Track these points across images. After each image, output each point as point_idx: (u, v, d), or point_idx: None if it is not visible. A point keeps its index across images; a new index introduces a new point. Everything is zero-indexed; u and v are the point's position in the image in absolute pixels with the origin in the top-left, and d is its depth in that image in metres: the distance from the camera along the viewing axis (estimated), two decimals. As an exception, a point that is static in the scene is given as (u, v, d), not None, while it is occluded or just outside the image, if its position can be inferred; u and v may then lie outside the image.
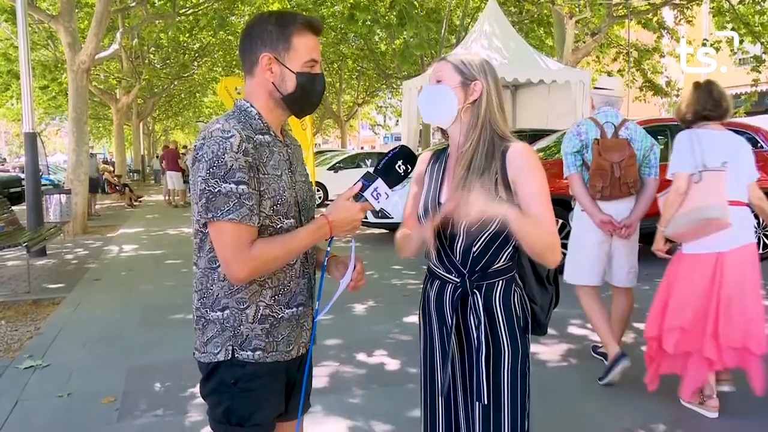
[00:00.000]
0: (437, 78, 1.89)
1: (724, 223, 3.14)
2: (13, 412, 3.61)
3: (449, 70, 1.88)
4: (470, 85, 1.86)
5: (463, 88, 1.86)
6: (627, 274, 4.00)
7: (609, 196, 3.83)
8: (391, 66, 22.58)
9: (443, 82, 1.88)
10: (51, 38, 18.39)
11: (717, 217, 3.14)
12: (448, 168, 1.94)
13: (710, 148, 3.28)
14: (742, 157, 3.36)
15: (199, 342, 1.72)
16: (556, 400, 3.60)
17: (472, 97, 1.86)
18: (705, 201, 3.18)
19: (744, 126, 8.52)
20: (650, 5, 15.60)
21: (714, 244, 3.24)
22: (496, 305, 1.86)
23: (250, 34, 1.71)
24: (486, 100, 1.86)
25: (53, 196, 10.35)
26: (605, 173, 3.82)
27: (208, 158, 1.57)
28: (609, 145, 3.88)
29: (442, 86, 1.87)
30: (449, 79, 1.87)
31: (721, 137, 3.36)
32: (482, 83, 1.86)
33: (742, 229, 3.27)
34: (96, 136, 40.83)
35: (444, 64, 1.90)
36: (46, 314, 5.84)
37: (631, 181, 3.85)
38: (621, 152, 3.86)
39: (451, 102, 1.86)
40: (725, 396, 3.46)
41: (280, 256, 1.64)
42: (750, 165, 3.40)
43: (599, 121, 4.02)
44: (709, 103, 3.34)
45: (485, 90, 1.86)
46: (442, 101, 1.87)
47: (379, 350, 4.53)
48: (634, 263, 4.04)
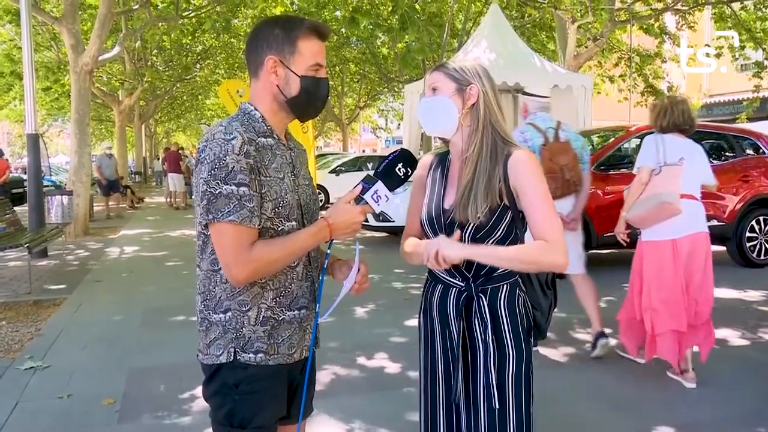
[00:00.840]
0: (432, 87, 1.89)
1: (675, 209, 3.71)
2: (13, 413, 3.61)
3: (443, 79, 1.88)
4: (466, 90, 1.86)
5: (459, 94, 1.86)
6: (578, 260, 4.47)
7: (559, 196, 4.21)
8: (392, 69, 22.61)
9: (439, 92, 1.88)
10: (54, 40, 18.42)
11: (669, 202, 3.70)
12: (450, 174, 1.94)
13: (672, 150, 3.86)
14: (698, 160, 3.94)
15: (202, 344, 1.72)
16: (556, 404, 3.60)
17: (469, 101, 1.86)
18: (661, 189, 3.75)
19: (746, 132, 8.53)
20: (652, 11, 15.61)
21: (667, 232, 3.81)
22: (501, 309, 1.86)
23: (257, 37, 1.71)
24: (484, 101, 1.86)
25: (55, 198, 10.36)
26: (557, 176, 4.20)
27: (210, 160, 1.58)
28: (556, 149, 4.25)
29: (439, 97, 1.87)
30: (445, 87, 1.87)
31: (682, 142, 3.95)
32: (477, 86, 1.86)
33: (693, 220, 3.83)
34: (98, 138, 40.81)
35: (437, 73, 1.90)
36: (47, 315, 5.85)
37: (576, 180, 4.30)
38: (567, 155, 4.25)
39: (451, 110, 1.86)
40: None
41: (281, 258, 1.64)
42: (706, 169, 4.01)
43: (540, 126, 4.34)
44: (688, 120, 3.92)
45: (481, 92, 1.86)
46: (442, 111, 1.87)
47: (379, 354, 4.53)
48: (581, 251, 4.63)
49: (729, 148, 8.10)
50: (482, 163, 1.82)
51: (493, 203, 1.78)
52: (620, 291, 6.42)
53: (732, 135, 8.19)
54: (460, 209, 1.82)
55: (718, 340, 4.80)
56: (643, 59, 19.78)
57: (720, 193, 7.55)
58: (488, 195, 1.78)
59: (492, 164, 1.81)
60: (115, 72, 22.80)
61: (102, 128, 38.30)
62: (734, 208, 7.55)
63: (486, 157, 1.82)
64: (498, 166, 1.81)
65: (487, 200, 1.78)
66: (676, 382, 3.92)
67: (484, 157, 1.82)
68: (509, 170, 1.80)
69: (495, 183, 1.80)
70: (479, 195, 1.79)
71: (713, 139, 8.29)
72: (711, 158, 8.06)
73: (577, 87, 11.37)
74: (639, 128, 8.01)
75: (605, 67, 21.10)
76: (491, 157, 1.82)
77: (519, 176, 1.79)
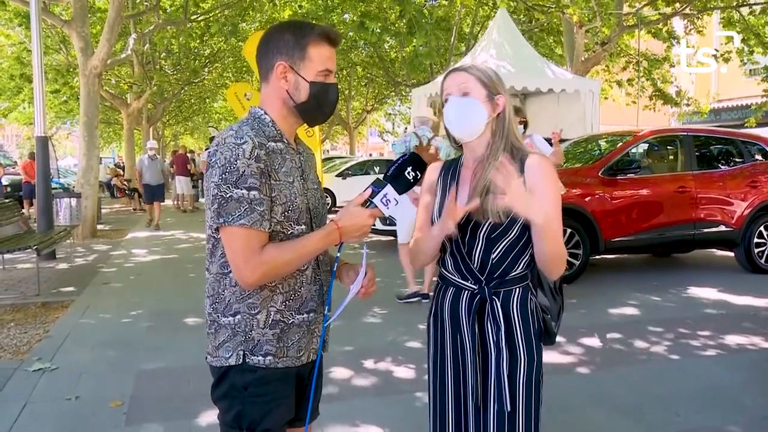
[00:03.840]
0: (464, 90, 1.89)
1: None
2: (21, 414, 3.62)
3: (475, 83, 1.88)
4: (494, 99, 1.89)
5: (489, 102, 1.88)
6: (411, 231, 5.90)
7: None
8: (400, 74, 22.61)
9: (471, 95, 1.88)
10: (64, 43, 18.52)
11: None
12: (462, 179, 1.95)
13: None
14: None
15: (211, 346, 1.73)
16: (563, 409, 3.59)
17: (497, 110, 1.89)
18: None
19: (755, 137, 8.49)
20: (660, 15, 15.58)
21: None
22: (514, 312, 1.87)
23: (268, 42, 1.73)
24: (507, 112, 1.90)
25: (63, 200, 10.42)
26: None
27: (221, 164, 1.59)
28: (421, 150, 5.42)
29: (472, 100, 1.88)
30: (476, 92, 1.88)
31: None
32: (504, 96, 1.90)
33: None
34: (106, 141, 41.01)
35: (468, 76, 1.89)
36: (55, 317, 5.87)
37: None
38: (431, 159, 5.00)
39: (482, 116, 1.88)
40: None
41: (291, 261, 1.65)
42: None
43: (419, 134, 5.98)
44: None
45: (507, 103, 1.90)
46: (473, 115, 1.88)
47: (387, 357, 4.52)
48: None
49: (737, 154, 8.06)
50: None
51: (509, 209, 1.79)
52: (627, 295, 6.42)
53: (740, 140, 8.16)
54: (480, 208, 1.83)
55: (726, 345, 4.80)
56: (651, 64, 19.72)
57: (728, 199, 7.53)
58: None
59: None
60: (123, 75, 22.90)
61: (110, 131, 38.42)
62: (742, 214, 7.51)
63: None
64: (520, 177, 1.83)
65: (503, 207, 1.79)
66: (685, 388, 3.88)
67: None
68: (526, 172, 1.83)
69: None
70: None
71: (721, 144, 8.27)
72: (719, 163, 8.08)
73: (584, 92, 11.37)
74: (646, 133, 8.01)
75: (613, 72, 21.05)
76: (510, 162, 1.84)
77: (535, 179, 1.82)
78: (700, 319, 5.52)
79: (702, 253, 8.83)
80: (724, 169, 7.97)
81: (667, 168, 8.01)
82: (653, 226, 7.23)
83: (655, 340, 4.93)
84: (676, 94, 20.45)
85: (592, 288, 6.78)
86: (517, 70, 11.04)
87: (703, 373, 4.22)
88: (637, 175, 7.39)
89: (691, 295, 6.54)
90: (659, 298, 6.44)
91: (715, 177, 7.69)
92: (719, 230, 7.50)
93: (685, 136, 7.86)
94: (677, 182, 7.39)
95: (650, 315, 5.72)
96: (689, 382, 4.07)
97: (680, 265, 8.49)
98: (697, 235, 7.44)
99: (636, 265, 8.58)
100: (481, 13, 18.49)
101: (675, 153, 8.00)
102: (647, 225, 7.21)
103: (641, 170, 7.54)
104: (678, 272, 7.87)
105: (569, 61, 14.43)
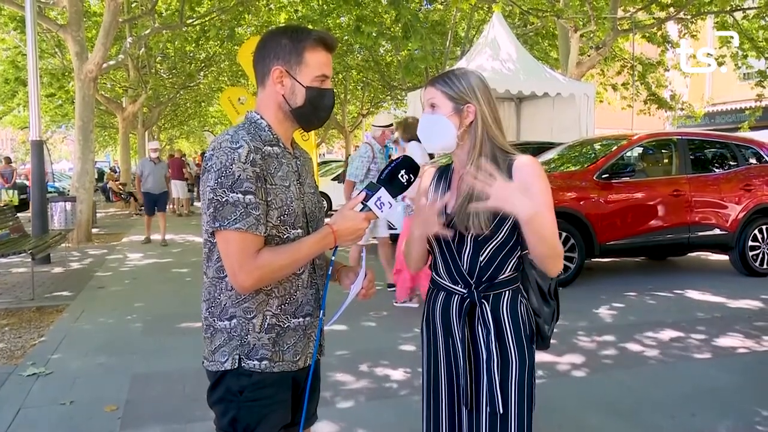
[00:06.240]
0: (431, 103, 1.90)
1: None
2: (16, 419, 3.61)
3: (441, 98, 1.88)
4: (463, 109, 1.87)
5: (457, 114, 1.87)
6: (386, 228, 6.41)
7: None
8: (395, 77, 22.65)
9: (437, 110, 1.89)
10: (59, 47, 18.50)
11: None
12: (453, 182, 1.96)
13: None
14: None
15: (207, 350, 1.73)
16: (558, 412, 3.59)
17: (467, 120, 1.87)
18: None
19: (748, 141, 8.53)
20: (655, 19, 15.65)
21: None
22: (504, 315, 1.87)
23: (264, 47, 1.73)
24: (481, 119, 1.87)
25: (58, 204, 10.39)
26: None
27: (217, 168, 1.59)
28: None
29: (437, 116, 1.88)
30: (442, 106, 1.88)
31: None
32: (474, 105, 1.87)
33: None
34: (101, 145, 40.95)
35: (435, 91, 1.89)
36: (49, 322, 5.85)
37: None
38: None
39: (449, 130, 1.87)
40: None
41: (286, 265, 1.65)
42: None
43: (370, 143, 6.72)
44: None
45: (478, 111, 1.87)
46: (440, 130, 1.89)
47: (383, 361, 4.52)
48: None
49: (732, 157, 8.10)
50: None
51: (496, 210, 1.79)
52: (622, 298, 6.44)
53: (735, 144, 8.20)
54: (458, 219, 1.84)
55: (721, 348, 4.82)
56: (646, 68, 19.81)
57: (723, 202, 7.56)
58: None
59: None
60: (119, 79, 22.87)
61: (105, 135, 38.37)
62: (737, 217, 7.55)
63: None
64: (501, 175, 1.82)
65: (488, 210, 1.79)
66: (680, 391, 3.91)
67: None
68: (514, 174, 1.82)
69: None
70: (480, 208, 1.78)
71: (716, 148, 8.30)
72: (714, 167, 8.11)
73: (579, 95, 11.42)
74: (641, 137, 8.03)
75: (608, 76, 21.14)
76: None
77: (524, 180, 1.80)
78: (695, 322, 5.54)
79: (697, 256, 8.87)
80: (718, 172, 8.00)
81: (662, 171, 8.05)
82: (648, 229, 7.26)
83: (649, 343, 4.94)
84: (671, 98, 20.54)
85: (587, 291, 6.79)
86: (513, 74, 11.08)
87: (697, 375, 4.23)
88: (632, 179, 7.42)
89: (686, 298, 6.56)
90: (654, 301, 6.46)
91: (710, 180, 7.73)
92: (714, 233, 7.53)
93: (680, 140, 7.89)
94: (672, 186, 7.42)
95: (645, 318, 5.73)
96: (684, 384, 4.08)
97: (675, 268, 8.52)
98: (692, 239, 7.47)
99: (631, 268, 8.60)
100: (477, 16, 18.55)
101: (670, 156, 8.04)
102: (642, 228, 7.25)
103: (636, 174, 7.57)
104: (673, 275, 7.90)
105: (564, 65, 14.49)
